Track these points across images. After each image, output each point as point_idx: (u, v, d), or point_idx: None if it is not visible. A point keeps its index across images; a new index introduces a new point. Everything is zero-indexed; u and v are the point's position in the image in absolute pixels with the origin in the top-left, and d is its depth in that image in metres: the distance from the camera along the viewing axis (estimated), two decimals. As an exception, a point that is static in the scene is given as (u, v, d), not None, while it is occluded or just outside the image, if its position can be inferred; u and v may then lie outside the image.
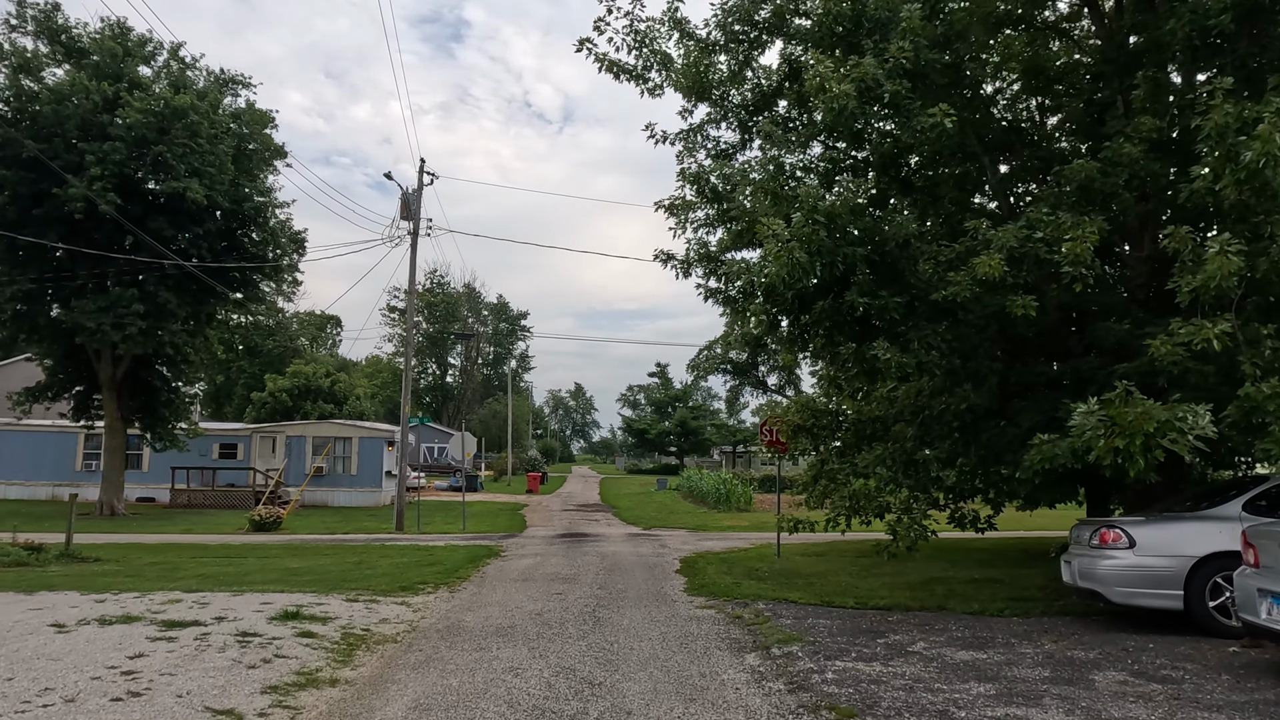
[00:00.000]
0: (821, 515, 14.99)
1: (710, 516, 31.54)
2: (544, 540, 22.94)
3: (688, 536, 24.22)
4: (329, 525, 28.49)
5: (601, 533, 25.49)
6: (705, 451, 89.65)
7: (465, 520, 29.27)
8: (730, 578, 14.98)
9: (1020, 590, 13.02)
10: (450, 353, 76.78)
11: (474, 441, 27.50)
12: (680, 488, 49.82)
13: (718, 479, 36.38)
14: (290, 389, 45.63)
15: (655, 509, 36.20)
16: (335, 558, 18.38)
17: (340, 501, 37.94)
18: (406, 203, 27.69)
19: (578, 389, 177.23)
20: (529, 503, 42.01)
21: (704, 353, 79.13)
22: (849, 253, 10.57)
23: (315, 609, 10.94)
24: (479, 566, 16.40)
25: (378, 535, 25.19)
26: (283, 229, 32.11)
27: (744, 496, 34.49)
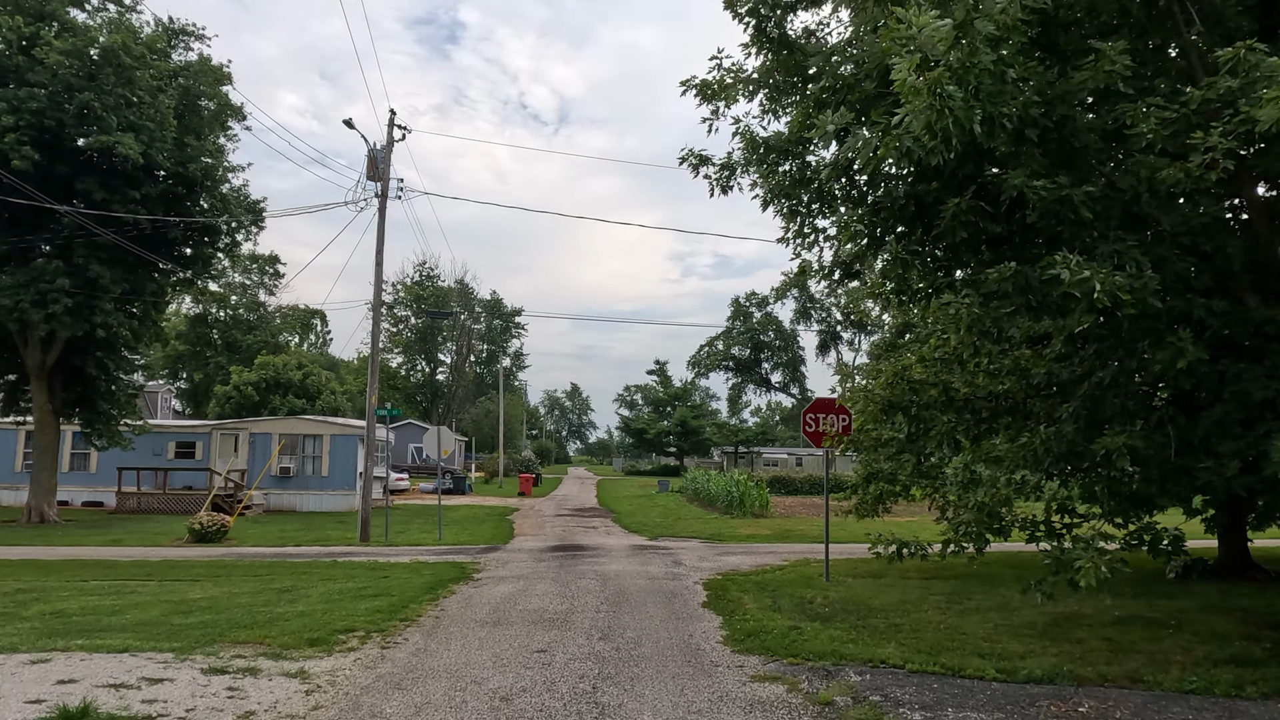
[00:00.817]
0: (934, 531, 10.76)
1: (724, 524, 27.26)
2: (531, 555, 18.65)
3: (703, 550, 19.94)
4: (286, 534, 24.19)
5: (600, 544, 21.22)
6: (705, 452, 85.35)
7: (442, 529, 24.98)
8: (782, 616, 10.74)
9: (1221, 641, 8.77)
10: (441, 349, 72.42)
11: (451, 437, 23.16)
12: (684, 490, 45.52)
13: (729, 480, 32.19)
14: (257, 382, 41.13)
15: (659, 514, 31.93)
16: (260, 582, 14.08)
17: (310, 506, 33.61)
18: (373, 160, 23.42)
19: (574, 389, 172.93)
20: (520, 507, 37.70)
21: (705, 349, 75.19)
22: (1017, 109, 6.29)
23: (133, 696, 6.65)
24: (439, 598, 12.11)
25: (336, 548, 20.86)
26: (238, 197, 27.76)
27: (760, 500, 30.24)
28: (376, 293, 23.24)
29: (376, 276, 23.32)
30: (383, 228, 23.39)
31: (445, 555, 18.61)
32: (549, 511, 34.84)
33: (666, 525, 27.05)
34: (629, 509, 35.44)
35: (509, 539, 23.00)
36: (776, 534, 23.90)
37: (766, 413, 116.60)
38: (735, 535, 23.57)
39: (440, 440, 23.07)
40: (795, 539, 22.76)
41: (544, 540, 22.41)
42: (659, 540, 22.67)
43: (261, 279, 65.44)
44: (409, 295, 68.80)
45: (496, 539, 22.70)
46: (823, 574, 14.99)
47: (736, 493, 30.25)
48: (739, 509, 29.68)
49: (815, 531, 24.56)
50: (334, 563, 17.34)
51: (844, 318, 72.12)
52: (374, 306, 23.12)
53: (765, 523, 27.37)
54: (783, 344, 72.86)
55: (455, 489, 45.99)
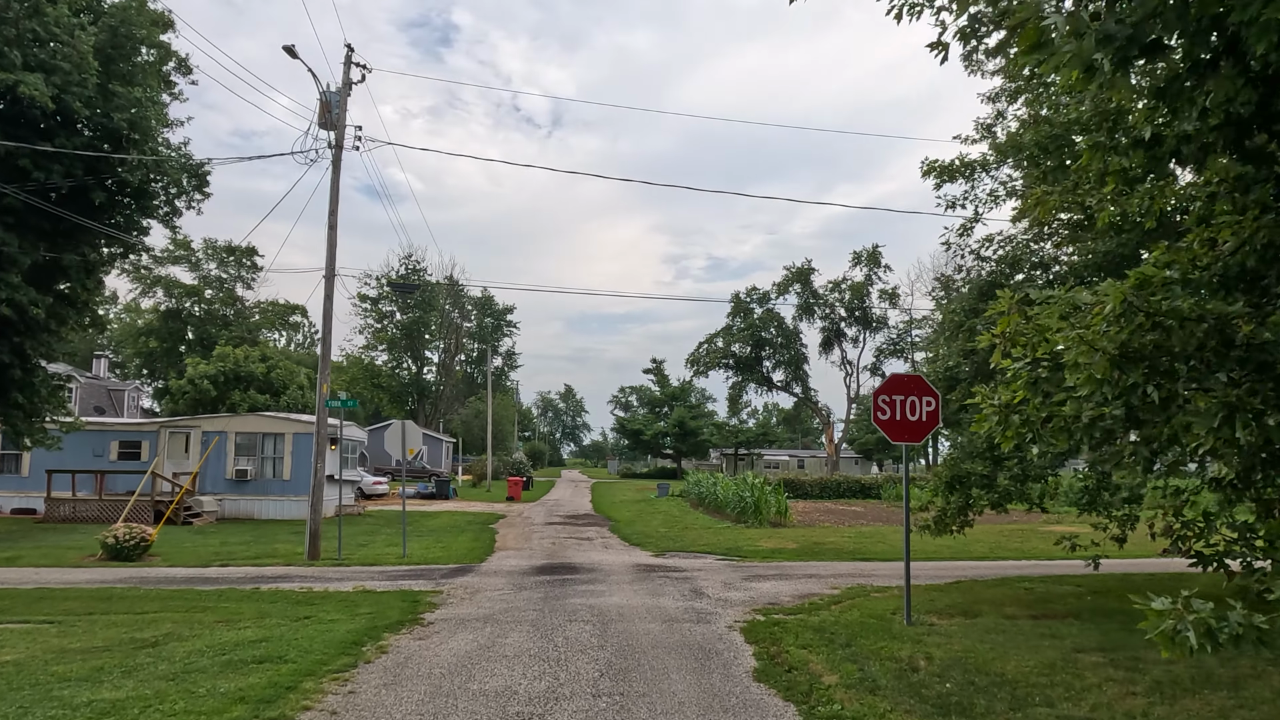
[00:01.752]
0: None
1: (739, 534, 23.22)
2: (510, 580, 14.58)
3: (725, 571, 15.88)
4: (225, 549, 20.09)
5: (597, 563, 17.15)
6: (703, 454, 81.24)
7: (412, 541, 20.92)
8: (884, 701, 6.71)
9: None
10: (428, 347, 68.11)
11: (418, 433, 19.05)
12: (686, 494, 41.43)
13: (740, 484, 28.14)
14: (214, 375, 36.81)
15: (662, 523, 27.86)
16: (126, 629, 10.00)
17: (269, 513, 29.45)
18: (327, 105, 19.39)
19: (568, 391, 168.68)
20: (507, 513, 33.60)
21: (704, 346, 70.99)
22: None
23: None
24: (357, 663, 8.04)
25: (274, 568, 16.75)
26: (177, 158, 23.62)
27: (778, 507, 26.18)
28: (330, 258, 19.15)
29: (329, 241, 19.25)
30: (337, 183, 19.33)
31: (401, 581, 14.51)
32: (538, 519, 30.76)
33: (673, 537, 22.99)
34: (627, 516, 31.37)
35: (487, 555, 18.93)
36: (805, 548, 19.86)
37: (763, 414, 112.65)
38: (756, 550, 19.52)
39: (405, 437, 18.99)
40: (829, 555, 18.73)
41: (529, 557, 18.33)
42: (667, 556, 18.62)
43: (239, 272, 61.18)
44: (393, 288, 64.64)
45: (472, 555, 18.62)
46: (897, 611, 10.96)
47: (750, 498, 26.20)
48: (754, 517, 25.63)
49: (849, 545, 20.53)
50: (255, 591, 13.24)
51: (848, 313, 68.15)
52: (327, 275, 19.04)
53: (786, 534, 23.33)
54: (784, 341, 68.62)
55: (438, 493, 41.88)
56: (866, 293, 67.62)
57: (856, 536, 22.23)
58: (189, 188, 23.89)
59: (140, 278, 57.12)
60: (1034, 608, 11.55)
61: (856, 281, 67.57)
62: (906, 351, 68.22)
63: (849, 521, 27.90)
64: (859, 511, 33.83)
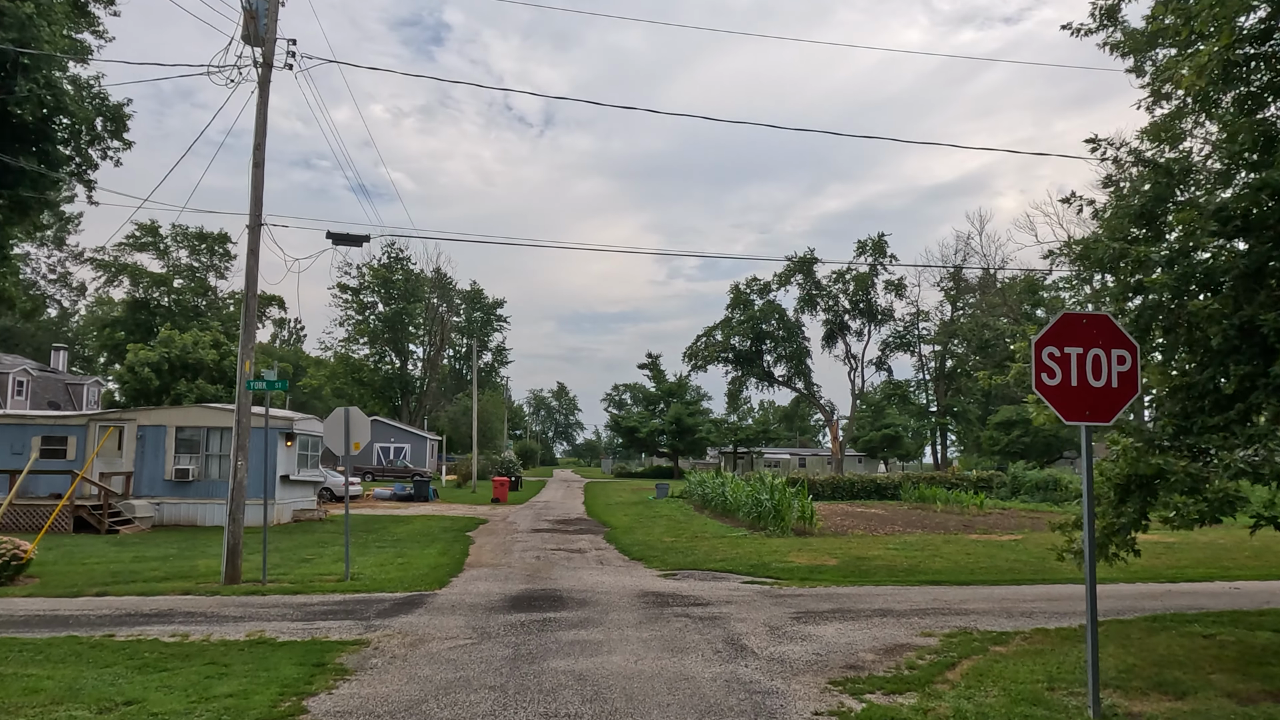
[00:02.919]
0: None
1: (760, 545, 19.11)
2: (471, 619, 10.45)
3: (762, 602, 11.74)
4: (132, 568, 15.99)
5: (590, 589, 13.05)
6: (700, 452, 77.06)
7: (360, 558, 16.86)
8: None
9: None
10: (413, 340, 63.75)
11: (365, 424, 14.99)
12: (689, 495, 37.31)
13: (757, 484, 24.00)
14: (157, 363, 32.38)
15: (666, 529, 23.76)
16: None
17: (215, 519, 25.27)
18: (252, 14, 15.23)
19: (560, 389, 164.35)
20: (490, 517, 29.47)
21: (702, 340, 66.88)
22: None
23: None
24: None
25: (166, 599, 12.56)
26: (84, 97, 19.38)
27: (803, 511, 22.05)
28: (255, 204, 14.97)
29: (254, 181, 15.07)
30: (264, 110, 15.17)
31: (320, 621, 10.35)
32: (524, 524, 26.61)
33: (681, 548, 18.86)
34: (625, 521, 27.24)
35: (454, 574, 14.81)
36: (847, 565, 15.75)
37: (760, 413, 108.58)
38: (789, 568, 15.40)
39: (348, 428, 14.84)
40: (880, 574, 14.64)
41: (504, 579, 14.19)
42: (679, 577, 14.49)
43: (210, 260, 56.82)
44: (376, 279, 60.26)
45: (434, 576, 14.48)
46: (1054, 683, 6.90)
47: (769, 501, 22.07)
48: (774, 524, 21.50)
49: (900, 560, 16.42)
50: (103, 641, 9.09)
51: (852, 305, 64.10)
52: (251, 225, 14.86)
53: (817, 545, 19.21)
54: (786, 334, 64.51)
55: (416, 495, 37.65)
56: (871, 284, 63.64)
57: (903, 549, 18.15)
58: (104, 133, 19.63)
59: (103, 265, 52.74)
60: (1251, 674, 7.49)
61: (861, 272, 63.60)
62: (914, 345, 64.33)
63: (880, 528, 23.82)
64: (882, 515, 29.79)
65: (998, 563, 16.01)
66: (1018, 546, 18.54)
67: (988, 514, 30.10)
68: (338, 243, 14.96)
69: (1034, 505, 34.25)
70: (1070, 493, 34.63)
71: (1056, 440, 69.34)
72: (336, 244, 14.98)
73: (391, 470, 53.05)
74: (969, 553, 17.45)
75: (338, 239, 14.94)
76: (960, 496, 32.50)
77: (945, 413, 61.16)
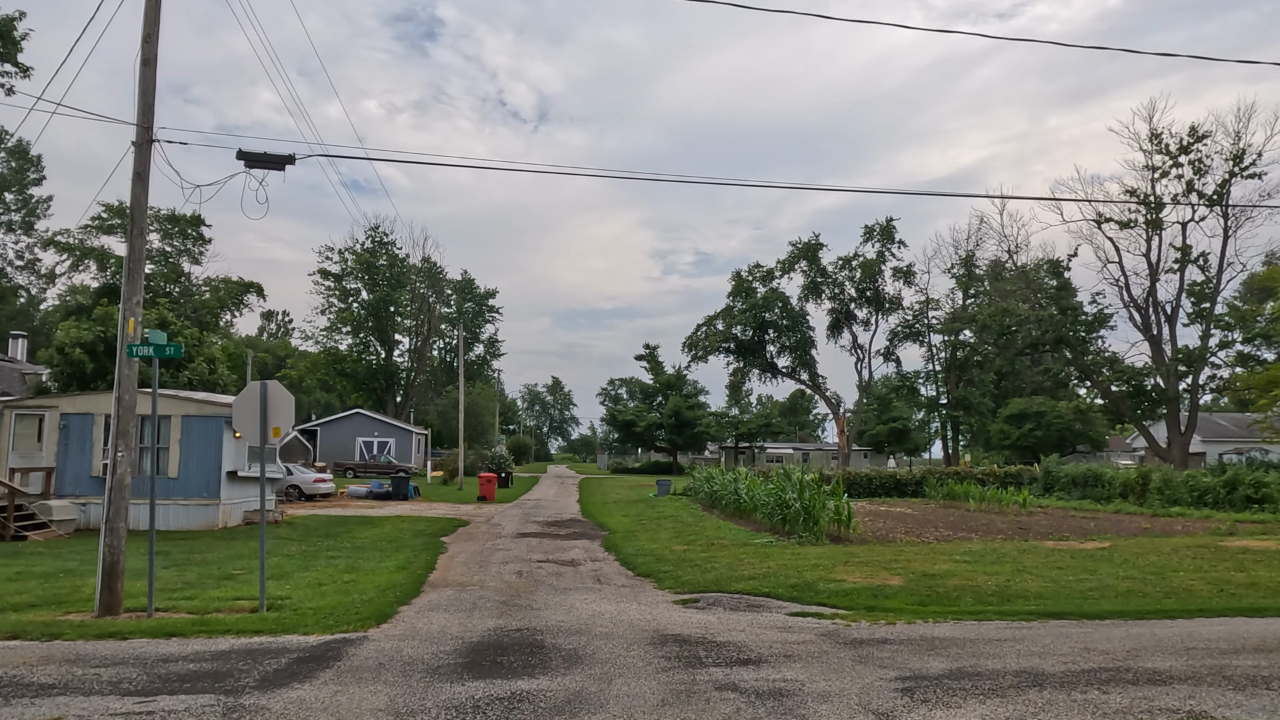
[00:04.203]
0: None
1: (794, 556, 15.37)
2: (400, 691, 6.72)
3: (840, 656, 7.97)
4: (9, 586, 12.34)
5: (586, 626, 9.37)
6: (700, 447, 73.22)
7: (296, 577, 13.22)
8: None
9: None
10: (399, 329, 59.79)
11: (286, 403, 11.35)
12: (693, 493, 33.60)
13: (780, 480, 20.19)
14: (91, 343, 28.35)
15: (674, 533, 20.05)
16: None
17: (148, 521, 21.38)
18: None
19: (555, 383, 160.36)
20: (473, 518, 25.77)
21: (703, 329, 63.11)
22: None
23: None
24: None
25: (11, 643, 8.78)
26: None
27: (838, 513, 18.28)
28: (141, 115, 11.18)
29: (141, 84, 11.27)
30: (154, -12, 11.35)
31: (176, 693, 6.61)
32: (509, 527, 22.87)
33: (696, 560, 15.13)
34: (625, 523, 23.52)
35: (404, 602, 11.08)
36: (916, 587, 12.02)
37: (759, 407, 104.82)
38: (845, 590, 11.66)
39: (265, 408, 11.06)
40: (967, 600, 10.96)
41: (470, 609, 10.44)
42: (704, 605, 10.77)
43: (184, 244, 52.87)
44: (359, 264, 56.31)
45: (379, 604, 10.75)
46: None
47: (797, 501, 18.30)
48: (804, 528, 17.73)
49: (984, 580, 12.68)
50: None
51: (858, 294, 60.37)
52: (138, 143, 11.08)
53: (863, 555, 15.45)
54: (790, 323, 60.74)
55: (394, 493, 33.85)
56: (879, 271, 59.94)
57: (975, 562, 14.44)
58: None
59: (67, 248, 48.76)
60: None
61: (868, 259, 59.88)
62: (924, 335, 60.62)
63: (923, 532, 20.14)
64: (913, 515, 26.11)
65: (1108, 581, 12.31)
66: (1114, 557, 14.84)
67: (1031, 513, 26.43)
68: (252, 164, 11.18)
69: (1074, 503, 30.59)
70: (1114, 488, 30.99)
71: (1070, 434, 65.82)
72: (250, 166, 11.20)
73: (374, 466, 49.26)
74: (1059, 566, 13.76)
75: (252, 160, 11.16)
76: (997, 494, 28.81)
77: (958, 405, 57.47)
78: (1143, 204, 39.77)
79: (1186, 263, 39.71)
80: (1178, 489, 27.99)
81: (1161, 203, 39.81)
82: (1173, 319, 41.14)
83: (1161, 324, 41.28)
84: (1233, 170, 38.39)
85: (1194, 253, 39.66)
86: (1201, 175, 39.08)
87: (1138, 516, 25.34)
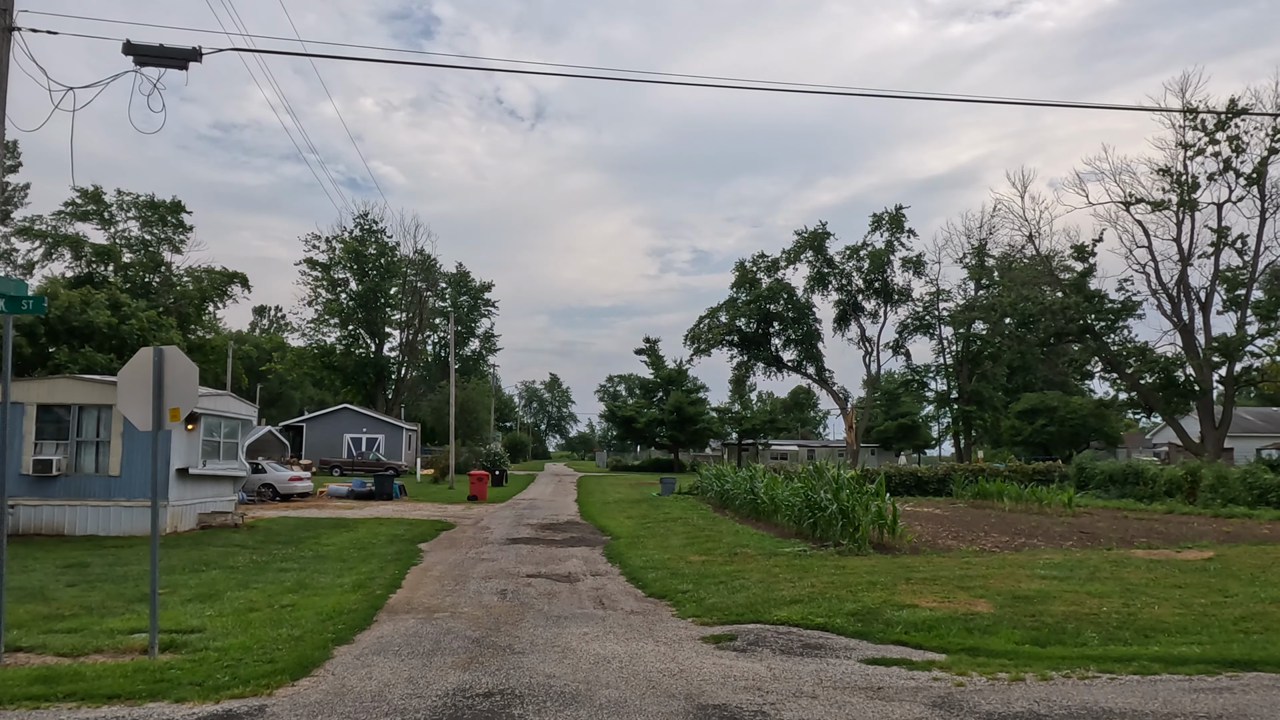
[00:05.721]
0: None
1: (837, 568, 12.54)
2: None
3: None
4: None
5: (586, 685, 6.59)
6: (702, 444, 70.31)
7: (226, 597, 10.41)
8: None
9: None
10: (389, 322, 56.82)
11: (190, 379, 8.60)
12: (701, 492, 30.76)
13: (811, 479, 17.25)
14: (31, 325, 25.40)
15: (686, 540, 17.22)
16: None
17: (89, 525, 18.69)
18: None
19: (553, 380, 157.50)
20: (459, 520, 22.94)
21: (705, 321, 60.23)
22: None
23: None
24: None
25: None
26: None
27: (880, 516, 15.39)
28: None
29: None
30: None
31: None
32: (499, 531, 20.02)
33: (720, 574, 12.28)
34: (629, 527, 20.68)
35: (345, 639, 8.27)
36: (1013, 616, 9.20)
37: (759, 404, 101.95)
38: (925, 621, 8.82)
39: (163, 382, 8.25)
40: (1090, 634, 8.19)
41: (427, 654, 7.58)
42: (741, 644, 7.95)
43: (164, 232, 49.90)
44: (347, 254, 53.39)
45: (311, 645, 7.95)
46: None
47: (832, 504, 15.42)
48: (843, 534, 14.87)
49: (1097, 606, 9.86)
50: None
51: (866, 285, 57.49)
52: None
53: (924, 569, 12.60)
54: (796, 316, 57.85)
55: (378, 492, 30.94)
56: (888, 261, 57.08)
57: (1065, 577, 11.61)
58: None
59: (39, 234, 45.78)
60: None
61: (877, 248, 57.02)
62: (934, 327, 57.80)
63: (976, 538, 17.31)
64: (945, 515, 23.32)
65: (1255, 606, 9.50)
66: (1233, 571, 12.03)
67: (1076, 514, 23.62)
68: (143, 61, 8.33)
69: (1116, 502, 27.78)
70: (1159, 486, 28.18)
71: (1085, 430, 63.10)
72: (141, 63, 8.34)
73: (362, 464, 46.36)
74: (1176, 585, 10.93)
75: (143, 55, 8.29)
76: (1036, 492, 25.95)
77: (970, 399, 54.64)
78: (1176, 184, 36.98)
79: (1223, 245, 36.93)
80: (1234, 487, 25.18)
81: (1196, 183, 37.05)
82: (1206, 306, 38.34)
83: (1194, 311, 38.50)
84: (1272, 147, 35.66)
85: (1231, 234, 36.90)
86: (1239, 153, 36.32)
87: (1199, 518, 22.55)
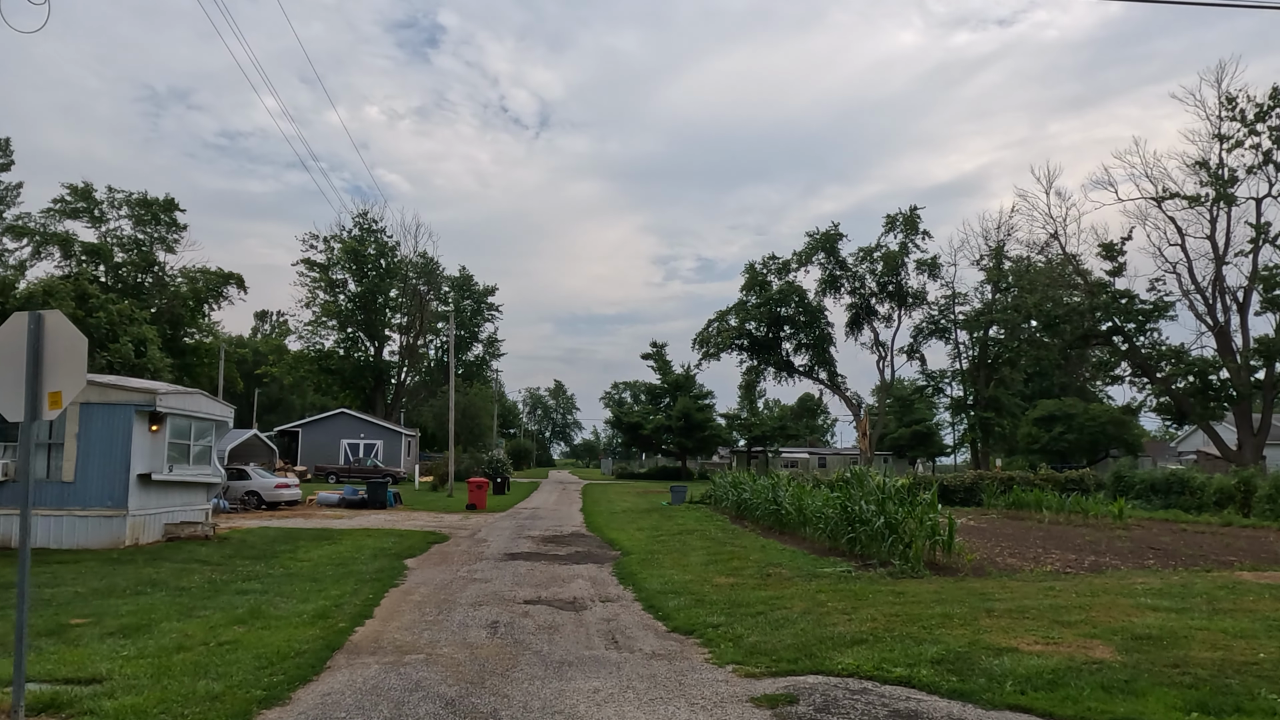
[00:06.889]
0: None
1: (895, 595, 10.44)
2: None
3: None
4: None
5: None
6: (710, 450, 68.06)
7: (149, 630, 8.19)
8: None
9: None
10: (388, 325, 54.81)
11: (77, 354, 6.68)
12: (716, 501, 28.59)
13: (851, 489, 15.01)
14: (-13, 317, 23.84)
15: (707, 557, 15.11)
16: None
17: (38, 538, 16.63)
18: None
19: (558, 387, 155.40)
20: (454, 532, 20.87)
21: (714, 324, 58.11)
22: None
23: None
24: None
25: None
26: None
27: (935, 533, 13.24)
28: None
29: None
30: None
31: None
32: (497, 545, 17.92)
33: (754, 601, 10.18)
34: (640, 540, 18.58)
35: (281, 699, 6.14)
36: (1145, 661, 7.09)
37: (766, 410, 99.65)
38: (1035, 673, 6.70)
39: (40, 357, 6.13)
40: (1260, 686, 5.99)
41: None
42: (805, 704, 5.81)
43: (157, 231, 48.03)
44: (345, 254, 51.44)
45: (235, 701, 5.78)
46: None
47: (878, 518, 13.28)
48: (892, 553, 12.74)
49: (1241, 649, 7.65)
50: None
51: (879, 288, 55.31)
52: None
53: (1001, 596, 10.49)
54: (807, 319, 55.70)
55: (370, 500, 28.85)
56: (902, 263, 54.88)
57: (1178, 609, 9.49)
58: None
59: (26, 232, 43.91)
60: None
61: (890, 250, 54.83)
62: (950, 331, 55.59)
63: (1037, 555, 15.15)
64: (983, 527, 21.19)
65: None
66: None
67: (1128, 527, 21.43)
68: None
69: (1162, 513, 25.57)
70: (1207, 496, 25.97)
71: (1104, 437, 60.77)
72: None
73: (360, 470, 44.34)
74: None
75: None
76: (1080, 502, 23.77)
77: (988, 405, 52.39)
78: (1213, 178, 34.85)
79: (1263, 242, 34.78)
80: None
81: (1234, 176, 34.92)
82: (1244, 306, 36.17)
83: (1230, 312, 36.33)
84: (1314, 139, 33.57)
85: (1271, 231, 34.75)
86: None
87: (1266, 530, 20.37)
